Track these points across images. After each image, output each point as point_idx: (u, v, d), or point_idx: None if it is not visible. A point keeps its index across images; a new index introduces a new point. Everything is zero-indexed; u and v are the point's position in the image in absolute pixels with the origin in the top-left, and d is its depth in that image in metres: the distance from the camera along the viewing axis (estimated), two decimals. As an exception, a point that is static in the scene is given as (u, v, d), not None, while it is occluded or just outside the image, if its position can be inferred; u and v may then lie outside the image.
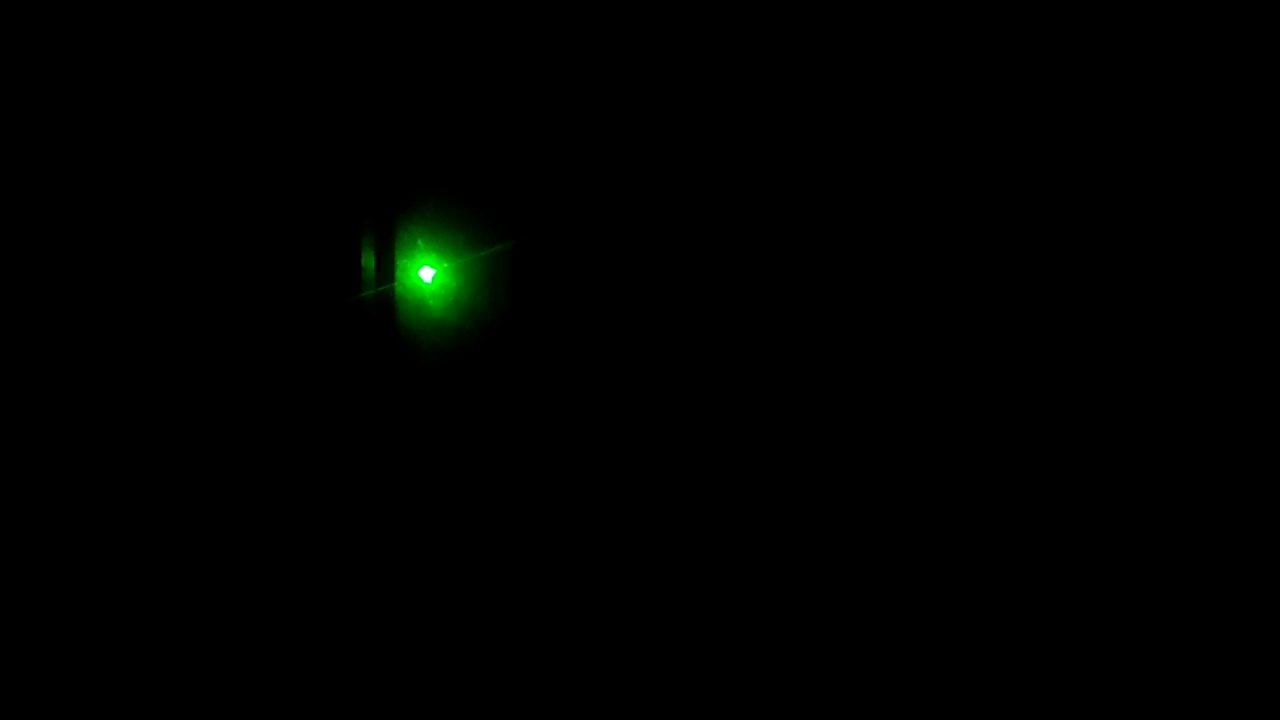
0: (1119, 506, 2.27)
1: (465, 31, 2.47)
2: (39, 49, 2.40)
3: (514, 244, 2.47)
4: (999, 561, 2.29)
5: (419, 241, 2.47)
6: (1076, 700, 2.23)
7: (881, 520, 2.34)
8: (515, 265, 2.48)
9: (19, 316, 2.38)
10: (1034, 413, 2.31)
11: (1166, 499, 2.25)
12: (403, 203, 2.46)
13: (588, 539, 2.44)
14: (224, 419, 2.42)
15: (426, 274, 2.46)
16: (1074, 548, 2.27)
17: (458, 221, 2.48)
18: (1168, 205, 2.31)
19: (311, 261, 2.44)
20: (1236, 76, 2.29)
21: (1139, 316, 2.30)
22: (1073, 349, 2.32)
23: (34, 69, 2.39)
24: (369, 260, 2.43)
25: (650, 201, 2.46)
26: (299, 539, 2.43)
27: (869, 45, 2.40)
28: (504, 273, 2.47)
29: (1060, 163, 2.35)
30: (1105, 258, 2.33)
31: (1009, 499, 2.30)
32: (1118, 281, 2.32)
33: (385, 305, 2.43)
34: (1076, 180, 2.35)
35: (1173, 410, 2.27)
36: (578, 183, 2.48)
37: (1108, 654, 2.23)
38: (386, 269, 2.44)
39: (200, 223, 2.42)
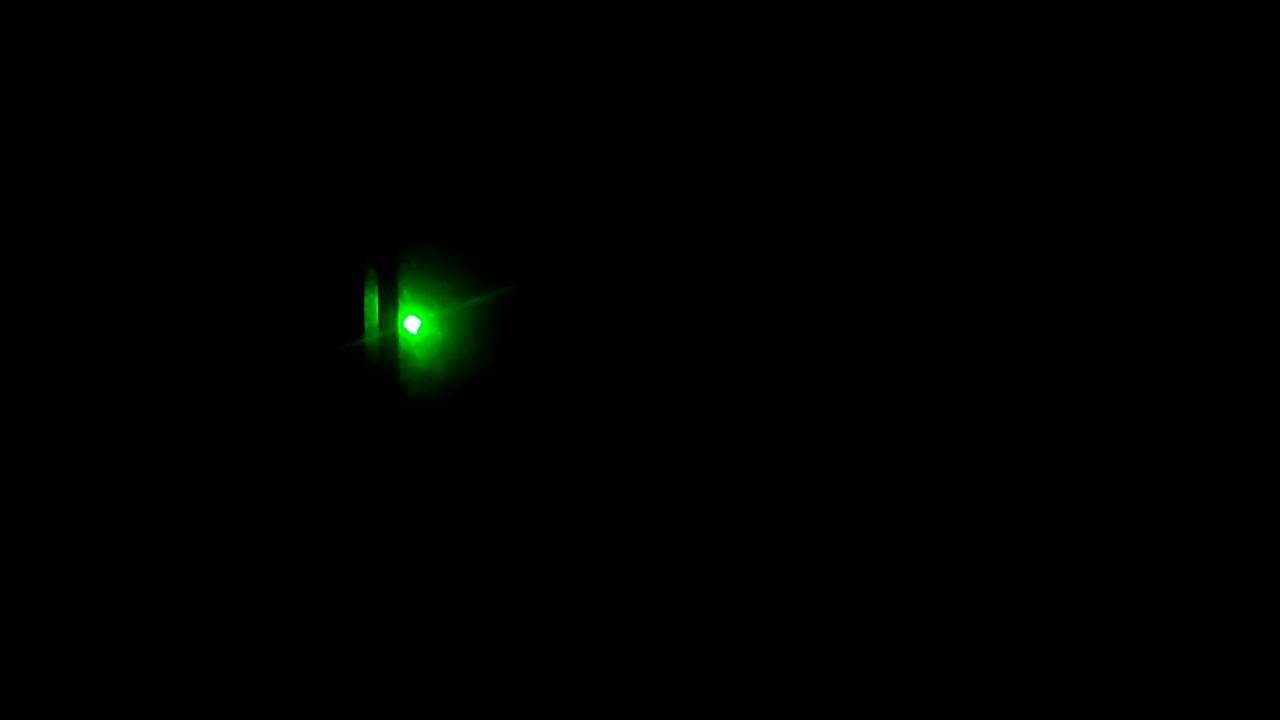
0: (1118, 506, 2.26)
1: (458, 84, 2.48)
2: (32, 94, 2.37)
3: (503, 294, 2.42)
4: (998, 561, 2.31)
5: (405, 291, 2.42)
6: (1076, 700, 2.25)
7: (883, 537, 2.35)
8: (503, 316, 2.43)
9: (8, 358, 2.34)
10: (1032, 413, 2.31)
11: (1166, 498, 2.24)
12: (393, 251, 2.43)
13: (578, 590, 2.41)
14: (208, 460, 2.37)
15: (412, 324, 2.41)
16: (1073, 547, 2.27)
17: (445, 270, 2.44)
18: (1167, 205, 2.28)
19: (300, 309, 2.41)
20: (1236, 77, 2.24)
21: (1138, 316, 2.28)
22: (1072, 349, 2.31)
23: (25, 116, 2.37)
24: (356, 309, 2.41)
25: (641, 257, 2.44)
26: (286, 573, 2.38)
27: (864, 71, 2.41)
28: (491, 323, 2.43)
29: (1060, 163, 2.35)
30: (1105, 258, 2.30)
31: (1007, 499, 2.32)
32: (1117, 282, 2.30)
33: (369, 356, 2.39)
34: (1076, 180, 2.34)
35: (1172, 410, 2.25)
36: (570, 234, 2.45)
37: (1107, 653, 2.25)
38: (373, 318, 2.41)
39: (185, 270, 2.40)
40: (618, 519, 2.41)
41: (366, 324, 2.42)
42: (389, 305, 2.43)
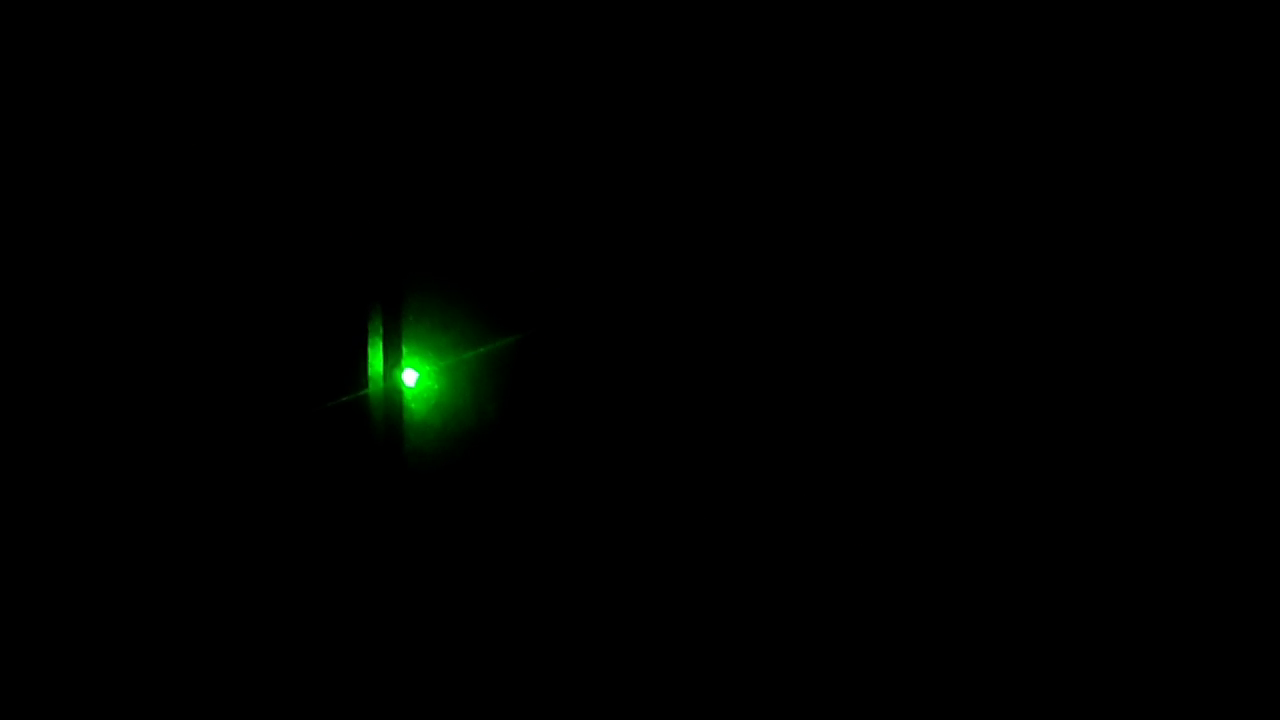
0: (1119, 507, 2.30)
1: (462, 130, 2.42)
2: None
3: (503, 345, 2.35)
4: (999, 562, 2.31)
5: (403, 343, 2.32)
6: (1076, 700, 2.25)
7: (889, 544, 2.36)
8: (502, 368, 2.36)
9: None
10: (1034, 413, 2.33)
11: (1166, 499, 2.29)
12: (390, 301, 2.33)
13: (581, 644, 2.33)
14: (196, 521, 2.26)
15: (410, 377, 2.32)
16: (1074, 548, 2.30)
17: (443, 322, 2.36)
18: (1167, 205, 2.30)
19: (299, 358, 2.31)
20: (1236, 77, 2.27)
21: (1138, 317, 2.31)
22: (1073, 349, 2.33)
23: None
24: (350, 363, 2.31)
25: (645, 306, 2.40)
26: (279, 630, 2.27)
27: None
28: (491, 375, 2.36)
29: (1060, 163, 2.35)
30: (1105, 258, 2.33)
31: (1009, 500, 2.33)
32: (1117, 282, 2.32)
33: (365, 410, 2.30)
34: (1076, 180, 2.34)
35: (1172, 410, 2.29)
36: (571, 284, 2.40)
37: (1107, 654, 2.27)
38: (367, 371, 2.30)
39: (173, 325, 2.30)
40: (620, 574, 2.35)
41: (370, 373, 2.32)
42: (393, 353, 2.32)
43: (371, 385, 2.31)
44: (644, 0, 2.39)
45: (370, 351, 2.32)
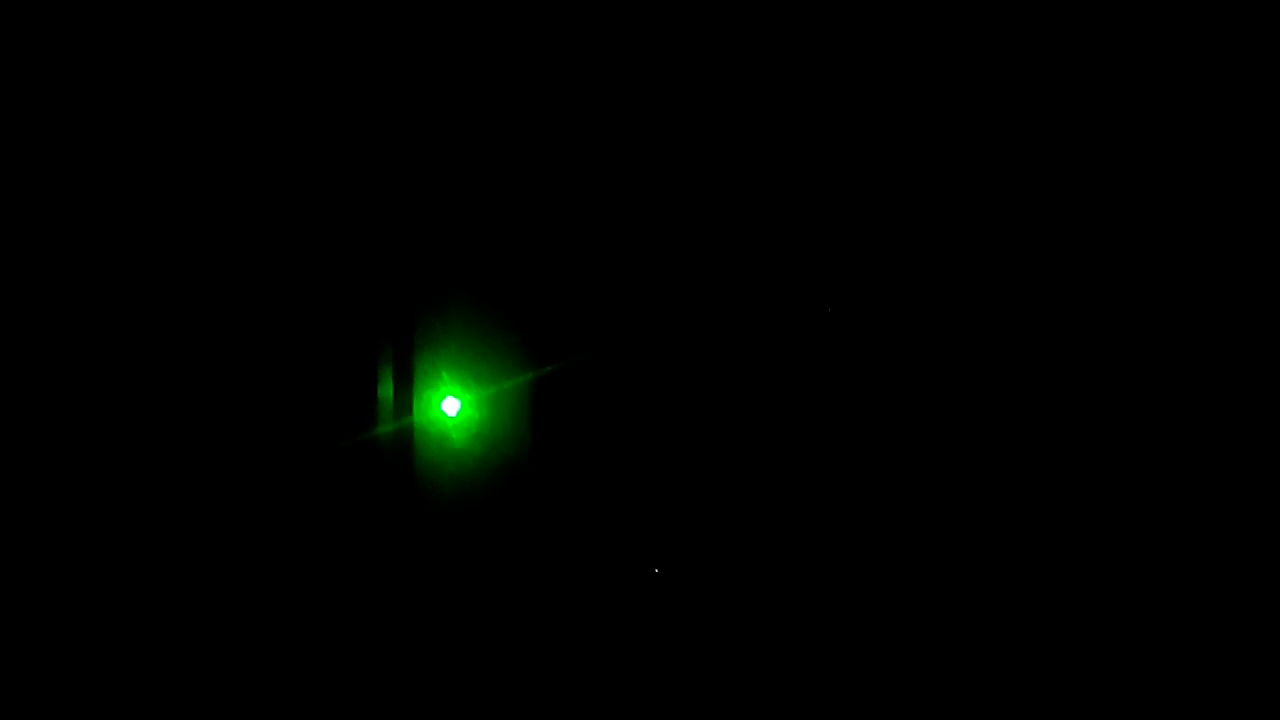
0: (1119, 507, 2.36)
1: (487, 142, 2.35)
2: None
3: (546, 372, 2.27)
4: (1000, 563, 2.34)
5: (442, 372, 2.24)
6: (1076, 700, 2.28)
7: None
8: (544, 395, 2.28)
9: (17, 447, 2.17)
10: (1034, 414, 2.35)
11: (1166, 499, 2.35)
12: (423, 328, 2.25)
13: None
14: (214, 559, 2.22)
15: (451, 406, 2.25)
16: (1074, 548, 2.33)
17: (484, 349, 2.28)
18: (1168, 205, 2.31)
19: (322, 394, 2.24)
20: (1237, 77, 2.26)
21: (1139, 317, 2.35)
22: (1073, 350, 2.34)
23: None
24: (385, 392, 2.24)
25: (687, 338, 2.35)
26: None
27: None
28: (529, 404, 2.28)
29: (1060, 163, 2.33)
30: (1105, 258, 2.33)
31: (1009, 500, 2.35)
32: (1117, 282, 2.33)
33: (403, 441, 2.23)
34: (1076, 180, 2.32)
35: (1172, 411, 2.35)
36: (612, 307, 2.34)
37: (1108, 654, 2.29)
38: (405, 401, 2.23)
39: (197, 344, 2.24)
40: (655, 621, 2.31)
41: (380, 411, 2.25)
42: (404, 390, 2.24)
43: (381, 423, 2.24)
44: (663, 24, 2.33)
45: (380, 388, 2.25)
